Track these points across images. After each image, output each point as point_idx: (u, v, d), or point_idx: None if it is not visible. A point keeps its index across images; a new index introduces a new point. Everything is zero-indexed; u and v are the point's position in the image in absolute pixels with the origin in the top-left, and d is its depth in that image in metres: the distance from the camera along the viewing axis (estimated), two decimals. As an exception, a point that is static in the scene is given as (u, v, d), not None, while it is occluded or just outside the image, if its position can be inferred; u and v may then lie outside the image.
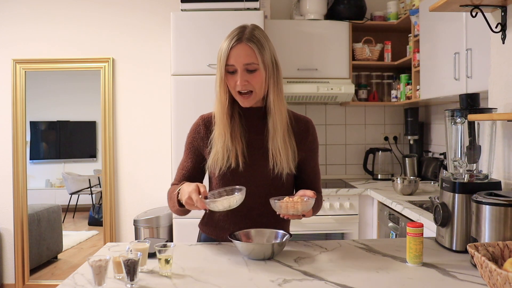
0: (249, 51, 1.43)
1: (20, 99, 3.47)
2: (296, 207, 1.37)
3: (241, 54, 1.43)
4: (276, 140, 1.49)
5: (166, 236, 3.14)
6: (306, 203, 1.38)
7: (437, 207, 1.55)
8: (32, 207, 3.60)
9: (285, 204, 1.38)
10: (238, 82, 1.44)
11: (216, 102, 1.51)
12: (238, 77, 1.44)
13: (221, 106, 1.49)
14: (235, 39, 1.44)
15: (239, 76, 1.44)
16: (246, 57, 1.43)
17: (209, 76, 2.87)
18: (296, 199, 1.38)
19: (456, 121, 1.62)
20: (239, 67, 1.44)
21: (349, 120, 3.69)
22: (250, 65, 1.44)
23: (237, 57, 1.43)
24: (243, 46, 1.43)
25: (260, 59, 1.44)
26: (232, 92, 1.49)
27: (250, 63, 1.44)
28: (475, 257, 1.07)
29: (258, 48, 1.44)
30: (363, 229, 3.01)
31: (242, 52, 1.43)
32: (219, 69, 1.47)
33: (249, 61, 1.44)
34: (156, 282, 1.21)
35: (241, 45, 1.43)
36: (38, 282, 3.51)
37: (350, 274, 1.24)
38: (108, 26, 3.50)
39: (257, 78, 1.46)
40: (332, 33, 3.30)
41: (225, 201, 1.34)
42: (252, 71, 1.45)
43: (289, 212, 1.38)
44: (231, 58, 1.43)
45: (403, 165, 3.50)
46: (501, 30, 1.71)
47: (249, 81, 1.45)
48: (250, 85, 1.46)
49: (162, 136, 3.49)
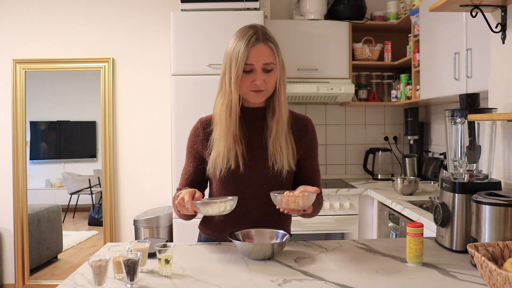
0: (268, 51, 1.45)
1: (20, 99, 3.47)
2: (297, 201, 1.34)
3: (261, 54, 1.43)
4: (276, 139, 1.49)
5: (166, 236, 3.14)
6: (308, 198, 1.35)
7: (437, 207, 1.55)
8: (32, 207, 3.60)
9: (286, 198, 1.35)
10: (257, 81, 1.44)
11: (224, 102, 1.47)
12: (257, 76, 1.44)
13: (232, 106, 1.46)
14: (254, 38, 1.43)
15: (257, 75, 1.44)
16: (266, 57, 1.44)
17: (209, 76, 2.87)
18: (298, 194, 1.36)
19: (456, 121, 1.62)
20: (258, 66, 1.44)
21: (349, 120, 3.69)
22: (269, 65, 1.45)
23: (257, 56, 1.43)
24: (263, 46, 1.44)
25: (277, 59, 1.46)
26: (243, 91, 1.47)
27: (269, 63, 1.45)
28: (475, 257, 1.07)
29: (276, 49, 1.46)
30: (363, 229, 3.01)
31: (262, 51, 1.44)
32: (235, 69, 1.43)
33: (269, 61, 1.44)
34: (156, 282, 1.21)
35: (261, 44, 1.44)
36: (38, 282, 3.51)
37: (350, 274, 1.24)
38: (108, 26, 3.50)
39: (272, 78, 1.47)
40: (332, 33, 3.30)
41: (215, 206, 1.34)
42: (269, 71, 1.46)
43: (290, 207, 1.35)
44: (251, 57, 1.42)
45: (403, 165, 3.50)
46: (501, 30, 1.71)
47: (265, 81, 1.46)
48: (265, 84, 1.46)
49: (162, 136, 3.49)
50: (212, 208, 1.34)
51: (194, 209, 1.34)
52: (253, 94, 1.47)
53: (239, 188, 1.52)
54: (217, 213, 1.35)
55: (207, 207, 1.34)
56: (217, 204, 1.35)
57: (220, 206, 1.34)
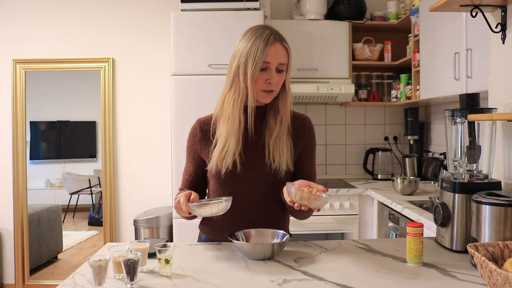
0: (284, 51, 1.47)
1: (20, 99, 3.47)
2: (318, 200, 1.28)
3: (278, 53, 1.45)
4: (278, 139, 1.49)
5: (166, 236, 3.14)
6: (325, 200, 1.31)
7: (437, 207, 1.55)
8: (32, 207, 3.60)
9: (306, 195, 1.28)
10: (271, 80, 1.45)
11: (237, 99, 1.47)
12: (272, 75, 1.45)
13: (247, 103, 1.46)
14: (272, 38, 1.44)
15: (272, 74, 1.45)
16: (283, 57, 1.46)
17: (209, 76, 2.87)
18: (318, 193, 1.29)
19: (456, 121, 1.62)
20: (273, 65, 1.45)
21: (349, 120, 3.69)
22: (283, 65, 1.47)
23: (275, 55, 1.44)
24: (280, 46, 1.46)
25: (290, 60, 1.49)
26: (255, 89, 1.46)
27: (283, 63, 1.47)
28: (475, 257, 1.07)
29: (289, 50, 1.49)
30: (363, 229, 3.01)
31: (280, 51, 1.46)
32: (252, 66, 1.42)
33: (284, 61, 1.47)
34: (156, 282, 1.21)
35: (278, 44, 1.46)
36: (38, 282, 3.51)
37: (350, 274, 1.24)
38: (108, 26, 3.50)
39: (282, 79, 1.49)
40: (332, 33, 3.30)
41: (208, 208, 1.34)
42: (281, 71, 1.48)
43: (304, 202, 1.29)
44: (269, 55, 1.44)
45: (403, 165, 3.50)
46: (501, 30, 1.71)
47: (277, 81, 1.47)
48: (277, 85, 1.48)
49: (162, 136, 3.49)
50: (205, 210, 1.34)
51: (188, 211, 1.35)
52: (263, 94, 1.47)
53: (236, 187, 1.52)
54: (210, 214, 1.35)
55: (201, 209, 1.34)
56: (209, 206, 1.35)
57: (212, 207, 1.35)
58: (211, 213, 1.35)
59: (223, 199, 1.37)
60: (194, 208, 1.33)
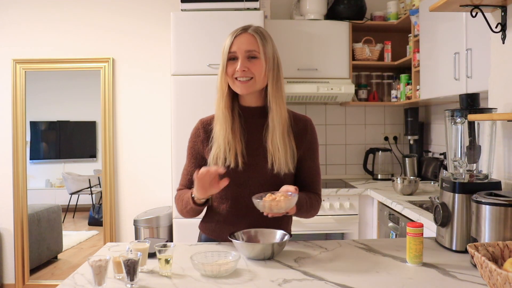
0: (252, 39, 1.48)
1: (20, 99, 3.47)
2: (279, 205, 1.35)
3: (243, 42, 1.48)
4: (275, 138, 1.49)
5: (166, 236, 3.14)
6: (290, 201, 1.36)
7: (437, 207, 1.55)
8: (32, 207, 3.60)
9: (268, 204, 1.35)
10: (237, 68, 1.46)
11: (218, 96, 1.52)
12: (239, 63, 1.47)
13: (222, 98, 1.50)
14: (240, 30, 1.50)
15: (239, 62, 1.47)
16: (248, 44, 1.47)
17: (209, 76, 2.87)
18: (279, 197, 1.36)
19: (456, 121, 1.62)
20: (241, 53, 1.47)
21: (349, 120, 3.69)
22: (251, 52, 1.47)
23: (239, 44, 1.47)
24: (247, 35, 1.49)
25: (261, 49, 1.48)
26: (230, 81, 1.49)
27: (251, 50, 1.47)
28: (475, 257, 1.07)
29: (261, 39, 1.49)
30: (363, 229, 3.01)
31: (245, 40, 1.48)
32: (222, 59, 1.50)
33: (251, 48, 1.47)
34: (156, 282, 1.21)
35: (245, 34, 1.49)
36: (38, 282, 3.51)
37: (350, 274, 1.24)
38: (108, 26, 3.50)
39: (257, 66, 1.48)
40: (332, 33, 3.30)
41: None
42: (253, 58, 1.48)
43: (273, 211, 1.36)
44: (234, 45, 1.48)
45: (403, 165, 3.50)
46: (501, 30, 1.71)
47: (249, 68, 1.47)
48: (250, 72, 1.48)
49: (162, 136, 3.49)
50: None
51: (220, 171, 1.39)
52: (239, 84, 1.49)
53: (238, 188, 1.52)
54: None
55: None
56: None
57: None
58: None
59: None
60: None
